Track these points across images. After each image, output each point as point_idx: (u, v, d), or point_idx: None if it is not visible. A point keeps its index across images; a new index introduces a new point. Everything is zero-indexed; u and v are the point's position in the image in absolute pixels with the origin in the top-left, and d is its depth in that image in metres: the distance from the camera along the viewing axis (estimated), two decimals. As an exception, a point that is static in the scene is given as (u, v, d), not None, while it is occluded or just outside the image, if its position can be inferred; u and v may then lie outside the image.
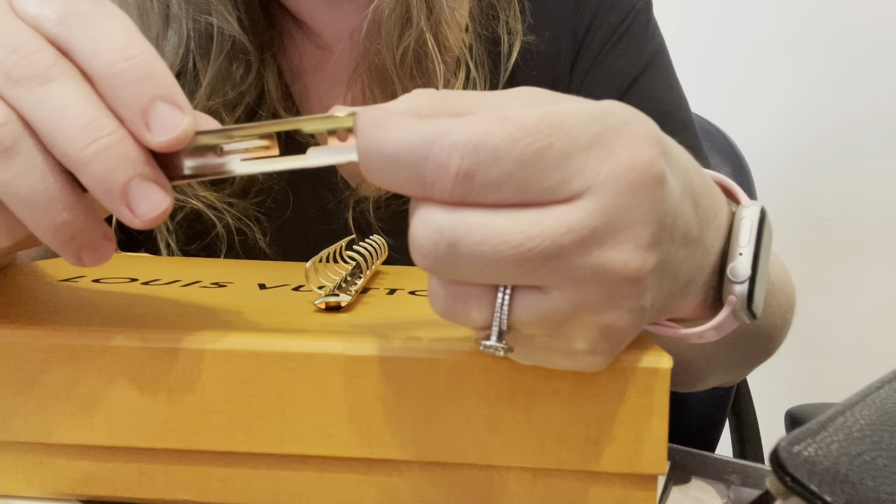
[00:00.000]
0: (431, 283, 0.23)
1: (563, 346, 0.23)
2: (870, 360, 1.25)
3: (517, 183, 0.20)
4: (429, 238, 0.21)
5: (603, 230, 0.21)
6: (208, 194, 0.54)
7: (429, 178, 0.20)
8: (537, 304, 0.22)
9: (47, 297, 0.33)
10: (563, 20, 0.56)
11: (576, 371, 0.25)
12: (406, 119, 0.21)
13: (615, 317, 0.22)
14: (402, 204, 0.55)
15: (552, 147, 0.20)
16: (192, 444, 0.27)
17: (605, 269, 0.21)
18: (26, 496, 0.29)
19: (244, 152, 0.25)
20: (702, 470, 0.36)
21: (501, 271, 0.21)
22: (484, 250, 0.20)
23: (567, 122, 0.20)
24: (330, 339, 0.27)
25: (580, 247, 0.20)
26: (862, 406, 0.23)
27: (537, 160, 0.20)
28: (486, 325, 0.22)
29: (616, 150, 0.21)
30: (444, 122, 0.21)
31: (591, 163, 0.20)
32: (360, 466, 0.27)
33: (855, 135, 1.27)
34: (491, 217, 0.20)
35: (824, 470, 0.19)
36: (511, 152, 0.20)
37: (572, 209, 0.20)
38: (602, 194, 0.20)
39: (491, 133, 0.20)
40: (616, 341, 0.23)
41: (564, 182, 0.20)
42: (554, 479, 0.27)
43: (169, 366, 0.27)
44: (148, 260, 0.48)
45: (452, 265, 0.21)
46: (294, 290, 0.37)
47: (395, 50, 0.50)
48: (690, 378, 0.45)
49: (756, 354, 0.46)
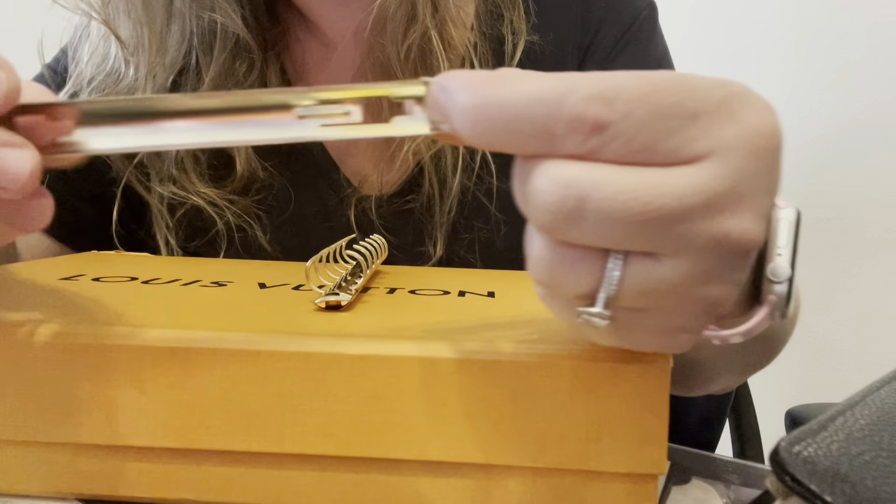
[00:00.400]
0: (536, 245, 0.21)
1: (659, 322, 0.22)
2: (870, 360, 1.25)
3: (648, 137, 0.20)
4: (556, 192, 0.20)
5: (727, 195, 0.20)
6: (209, 191, 0.54)
7: (560, 129, 0.20)
8: (648, 271, 0.21)
9: (47, 297, 0.33)
10: (568, 23, 0.56)
11: (577, 369, 0.25)
12: (522, 73, 0.21)
13: (720, 290, 0.22)
14: (405, 202, 0.55)
15: (682, 105, 0.20)
16: (192, 443, 0.27)
17: (724, 236, 0.20)
18: (26, 494, 0.29)
19: (323, 117, 0.23)
20: (702, 470, 0.36)
21: (625, 231, 0.20)
22: (613, 206, 0.20)
23: (695, 83, 0.20)
24: (330, 338, 0.27)
25: (704, 211, 0.20)
26: (862, 406, 0.23)
27: (668, 116, 0.20)
28: (587, 293, 0.22)
29: (741, 115, 0.20)
30: (571, 75, 0.20)
31: (716, 125, 0.20)
32: (360, 466, 0.27)
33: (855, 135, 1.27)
34: (621, 173, 0.20)
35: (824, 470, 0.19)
36: (645, 104, 0.20)
37: (698, 170, 0.20)
38: (727, 158, 0.20)
39: (624, 86, 0.20)
40: (710, 318, 0.23)
41: (691, 141, 0.20)
42: (554, 478, 0.27)
43: (169, 365, 0.27)
44: (148, 259, 0.48)
45: (577, 222, 0.20)
46: (294, 289, 0.37)
47: (400, 46, 0.50)
48: (698, 382, 0.45)
49: (763, 358, 0.46)
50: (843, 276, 1.27)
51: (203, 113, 0.23)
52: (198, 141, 0.24)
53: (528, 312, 0.33)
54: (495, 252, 0.55)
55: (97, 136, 0.24)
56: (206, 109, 0.23)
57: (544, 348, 0.26)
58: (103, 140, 0.24)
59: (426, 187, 0.54)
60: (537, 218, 0.20)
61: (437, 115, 0.22)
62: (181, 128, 0.23)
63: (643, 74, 0.20)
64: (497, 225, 0.55)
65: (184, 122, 0.23)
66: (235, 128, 0.23)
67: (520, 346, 0.26)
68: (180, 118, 0.23)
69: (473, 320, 0.31)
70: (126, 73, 0.53)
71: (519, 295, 0.37)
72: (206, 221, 0.55)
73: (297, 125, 0.23)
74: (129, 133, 0.23)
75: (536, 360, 0.26)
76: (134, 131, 0.23)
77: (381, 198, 0.55)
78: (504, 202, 0.55)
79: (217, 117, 0.23)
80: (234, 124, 0.23)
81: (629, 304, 0.22)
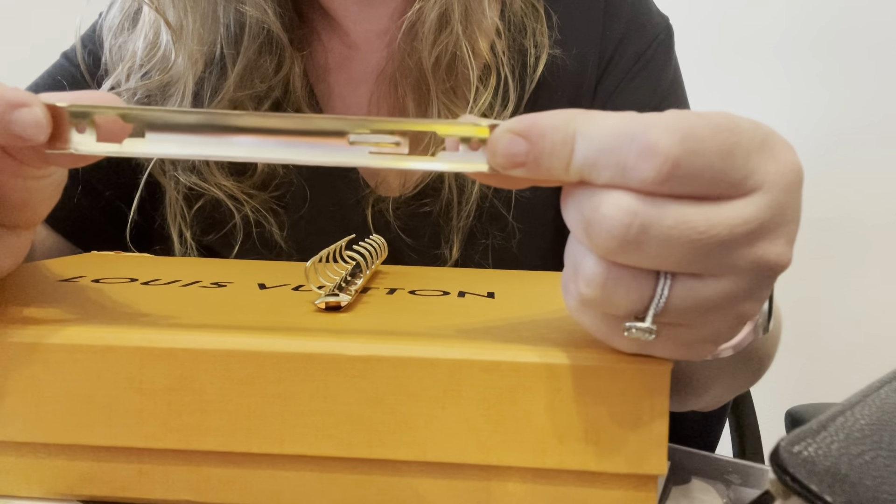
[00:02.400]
0: (590, 264, 0.23)
1: (693, 335, 0.24)
2: (870, 360, 1.25)
3: (713, 175, 0.22)
4: (622, 220, 0.22)
5: (768, 224, 0.22)
6: (229, 183, 0.54)
7: (631, 162, 0.22)
8: (694, 290, 0.23)
9: (47, 297, 0.33)
10: (590, 40, 0.58)
11: (578, 371, 0.25)
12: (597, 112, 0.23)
13: (752, 307, 0.24)
14: (422, 205, 0.56)
15: (739, 145, 0.22)
16: (192, 444, 0.27)
17: (762, 260, 0.23)
18: (26, 496, 0.29)
19: (374, 146, 0.25)
20: (702, 470, 0.36)
21: (678, 256, 0.22)
22: (672, 234, 0.22)
23: (742, 124, 0.22)
24: (330, 339, 0.27)
25: (749, 238, 0.22)
26: (862, 406, 0.23)
27: (730, 155, 0.22)
28: (635, 310, 0.23)
29: (778, 153, 0.23)
30: (645, 115, 0.22)
31: (762, 162, 0.22)
32: (360, 466, 0.27)
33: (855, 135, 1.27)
34: (679, 203, 0.22)
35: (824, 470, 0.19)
36: (714, 145, 0.21)
37: (747, 203, 0.22)
38: (770, 192, 0.22)
39: (696, 125, 0.21)
40: (736, 332, 0.25)
41: (746, 178, 0.22)
42: (553, 479, 0.27)
43: (168, 366, 0.27)
44: (148, 260, 0.48)
45: (638, 247, 0.22)
46: (294, 289, 0.37)
47: (431, 52, 0.52)
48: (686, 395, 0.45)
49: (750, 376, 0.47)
50: (843, 276, 1.27)
51: (265, 131, 0.25)
52: (256, 156, 0.25)
53: (528, 313, 0.33)
54: (509, 258, 0.55)
55: (164, 141, 0.25)
56: (268, 128, 0.25)
57: (544, 349, 0.26)
58: (169, 146, 0.25)
59: (445, 192, 0.55)
60: (601, 242, 0.22)
61: (497, 159, 0.24)
62: (244, 142, 0.25)
63: (707, 115, 0.22)
64: (512, 232, 0.55)
65: (247, 138, 0.25)
66: (292, 147, 0.25)
67: (519, 347, 0.26)
68: (245, 134, 0.25)
69: (473, 321, 0.31)
70: (175, 60, 0.54)
71: (518, 296, 0.37)
72: (224, 215, 0.55)
73: (348, 150, 0.25)
74: (195, 142, 0.25)
75: (536, 361, 0.26)
76: (200, 140, 0.25)
77: (399, 199, 0.56)
78: (520, 210, 0.55)
79: (277, 136, 0.25)
80: (291, 144, 0.25)
81: (671, 320, 0.24)
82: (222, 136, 0.25)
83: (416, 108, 0.55)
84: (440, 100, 0.53)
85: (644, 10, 0.60)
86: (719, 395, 0.47)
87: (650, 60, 0.58)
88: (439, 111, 0.53)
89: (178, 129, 0.25)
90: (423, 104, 0.54)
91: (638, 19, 0.59)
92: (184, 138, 0.25)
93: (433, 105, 0.54)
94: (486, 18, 0.54)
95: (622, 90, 0.57)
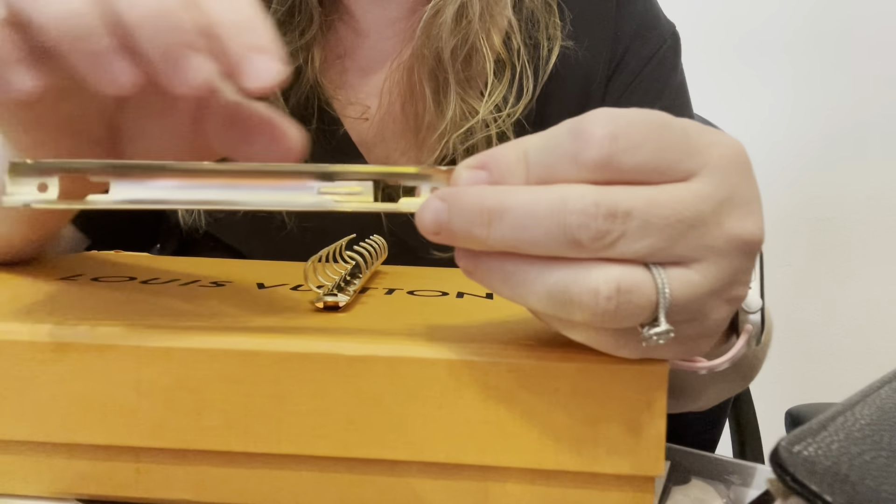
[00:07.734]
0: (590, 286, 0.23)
1: (694, 328, 0.25)
2: (870, 360, 1.25)
3: (653, 150, 0.23)
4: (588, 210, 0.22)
5: (729, 202, 0.23)
6: None
7: (574, 147, 0.23)
8: (688, 279, 0.23)
9: (46, 296, 0.33)
10: (602, 35, 0.58)
11: (576, 371, 0.25)
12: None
13: (741, 290, 0.25)
14: None
15: (671, 124, 0.23)
16: (190, 443, 0.27)
17: (737, 237, 0.24)
18: (24, 495, 0.29)
19: (340, 195, 0.26)
20: (702, 470, 0.36)
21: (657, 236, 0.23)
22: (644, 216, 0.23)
23: (670, 120, 0.24)
24: (328, 339, 0.27)
25: (716, 217, 0.23)
26: (862, 406, 0.23)
27: (665, 130, 0.23)
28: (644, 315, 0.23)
29: (719, 138, 0.24)
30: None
31: (702, 145, 0.24)
32: (357, 466, 0.27)
33: (855, 135, 1.27)
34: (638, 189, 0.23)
35: (824, 470, 0.19)
36: (645, 123, 0.23)
37: (701, 184, 0.23)
38: (718, 170, 0.23)
39: (625, 112, 0.23)
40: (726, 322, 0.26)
41: (689, 156, 0.23)
42: (552, 480, 0.27)
43: (166, 365, 0.27)
44: (146, 259, 0.48)
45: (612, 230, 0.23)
46: (293, 289, 0.36)
47: (447, 45, 0.52)
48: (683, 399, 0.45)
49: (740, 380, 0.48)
50: (843, 276, 1.27)
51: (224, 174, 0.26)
52: (216, 199, 0.26)
53: (526, 314, 0.33)
54: None
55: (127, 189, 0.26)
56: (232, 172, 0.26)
57: (542, 350, 0.26)
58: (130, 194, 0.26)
59: None
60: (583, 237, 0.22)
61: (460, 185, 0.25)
62: (210, 186, 0.26)
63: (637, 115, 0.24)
64: None
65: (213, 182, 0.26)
66: (258, 191, 0.26)
67: (518, 348, 0.26)
68: (212, 177, 0.26)
69: (471, 321, 0.31)
70: None
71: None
72: None
73: (316, 197, 0.26)
74: (161, 187, 0.26)
75: (534, 362, 0.26)
76: (166, 185, 0.26)
77: None
78: None
79: (244, 179, 0.26)
80: (258, 188, 0.26)
81: (677, 318, 0.24)
82: (192, 180, 0.26)
83: (433, 96, 0.55)
84: (455, 89, 0.54)
85: (654, 14, 0.61)
86: (712, 399, 0.49)
87: (659, 64, 0.59)
88: (455, 100, 0.54)
89: (144, 175, 0.25)
90: (441, 92, 0.55)
91: (649, 22, 0.60)
92: (151, 184, 0.25)
93: (451, 93, 0.54)
94: (502, 13, 0.55)
95: (633, 90, 0.58)
